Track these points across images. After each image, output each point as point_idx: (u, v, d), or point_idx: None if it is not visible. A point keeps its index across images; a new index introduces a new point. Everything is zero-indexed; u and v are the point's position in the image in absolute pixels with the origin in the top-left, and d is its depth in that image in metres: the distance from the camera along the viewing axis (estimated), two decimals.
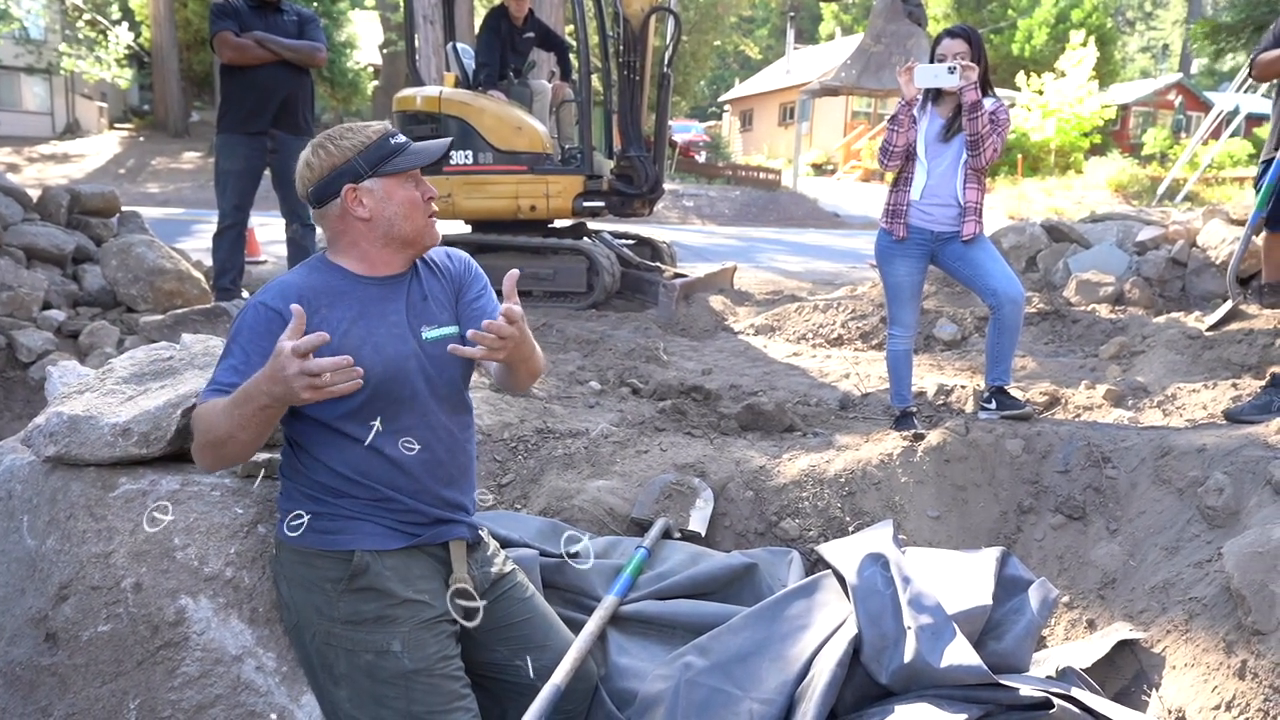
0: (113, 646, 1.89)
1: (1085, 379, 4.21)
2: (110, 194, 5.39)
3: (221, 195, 4.82)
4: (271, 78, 4.66)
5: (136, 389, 2.17)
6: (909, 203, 3.31)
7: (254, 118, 4.69)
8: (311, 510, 1.82)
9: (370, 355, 1.79)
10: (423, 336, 1.88)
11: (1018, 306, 3.24)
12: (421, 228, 1.88)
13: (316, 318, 1.77)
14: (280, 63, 4.66)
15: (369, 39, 26.36)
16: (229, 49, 4.60)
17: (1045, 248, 7.12)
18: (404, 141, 1.86)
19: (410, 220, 1.86)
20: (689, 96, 30.33)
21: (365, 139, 1.83)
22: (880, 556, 2.29)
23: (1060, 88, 22.71)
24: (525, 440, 3.26)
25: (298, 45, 4.69)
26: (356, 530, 1.81)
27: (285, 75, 4.70)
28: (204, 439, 1.70)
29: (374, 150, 1.82)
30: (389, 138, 1.84)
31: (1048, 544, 2.83)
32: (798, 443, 3.40)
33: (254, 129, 4.70)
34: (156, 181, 18.33)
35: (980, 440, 3.09)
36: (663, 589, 2.38)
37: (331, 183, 1.82)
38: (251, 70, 4.62)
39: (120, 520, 1.97)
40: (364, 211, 1.83)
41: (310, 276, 1.84)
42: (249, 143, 4.72)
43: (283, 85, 4.70)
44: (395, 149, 1.83)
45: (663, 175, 7.25)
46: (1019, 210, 17.94)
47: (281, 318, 1.72)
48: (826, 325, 5.94)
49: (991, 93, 3.26)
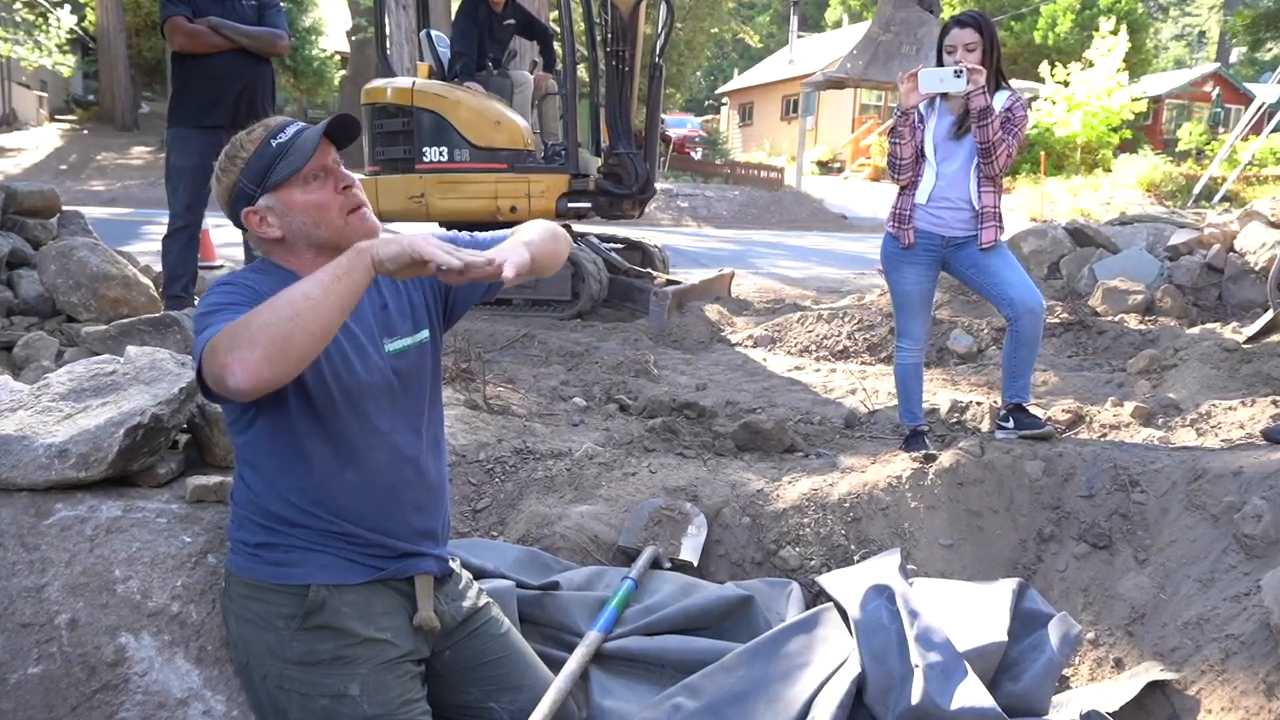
0: (45, 690, 1.88)
1: (1112, 395, 4.24)
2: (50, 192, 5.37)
3: (172, 194, 4.81)
4: (228, 67, 4.66)
5: (75, 406, 2.16)
6: (916, 206, 3.33)
7: (209, 110, 4.70)
8: (264, 540, 1.81)
9: (327, 373, 1.76)
10: (385, 350, 1.86)
11: (1036, 317, 3.26)
12: (340, 229, 1.76)
13: None
14: (238, 51, 4.66)
15: (336, 25, 26.43)
16: (181, 35, 4.61)
17: (1069, 252, 7.17)
18: (287, 139, 1.73)
19: (324, 224, 1.76)
20: (683, 88, 30.49)
21: (245, 153, 1.74)
22: (886, 588, 2.30)
23: (1087, 79, 22.90)
24: (503, 461, 3.26)
25: (257, 32, 4.70)
26: (312, 562, 1.80)
27: (243, 64, 4.70)
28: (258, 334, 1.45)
29: (255, 162, 1.73)
30: (270, 139, 1.73)
31: (1070, 575, 2.84)
32: (799, 464, 3.40)
33: (209, 122, 4.70)
34: (102, 178, 18.30)
35: (997, 462, 3.10)
36: (651, 624, 2.37)
37: (233, 211, 1.77)
38: (206, 59, 4.63)
39: (55, 550, 1.97)
40: (274, 231, 1.77)
41: (259, 277, 1.78)
42: (203, 137, 4.72)
43: (240, 75, 4.71)
44: (277, 152, 1.72)
45: (654, 174, 7.29)
46: (1041, 212, 18.07)
47: (255, 290, 1.68)
48: (831, 336, 5.96)
49: (1006, 84, 3.29)
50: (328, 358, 1.75)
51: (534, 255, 1.80)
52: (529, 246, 1.81)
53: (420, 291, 1.95)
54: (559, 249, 1.99)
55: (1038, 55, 25.97)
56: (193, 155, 4.72)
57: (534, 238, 1.89)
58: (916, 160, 3.32)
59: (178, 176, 4.77)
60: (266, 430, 1.78)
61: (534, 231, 1.93)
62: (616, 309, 7.04)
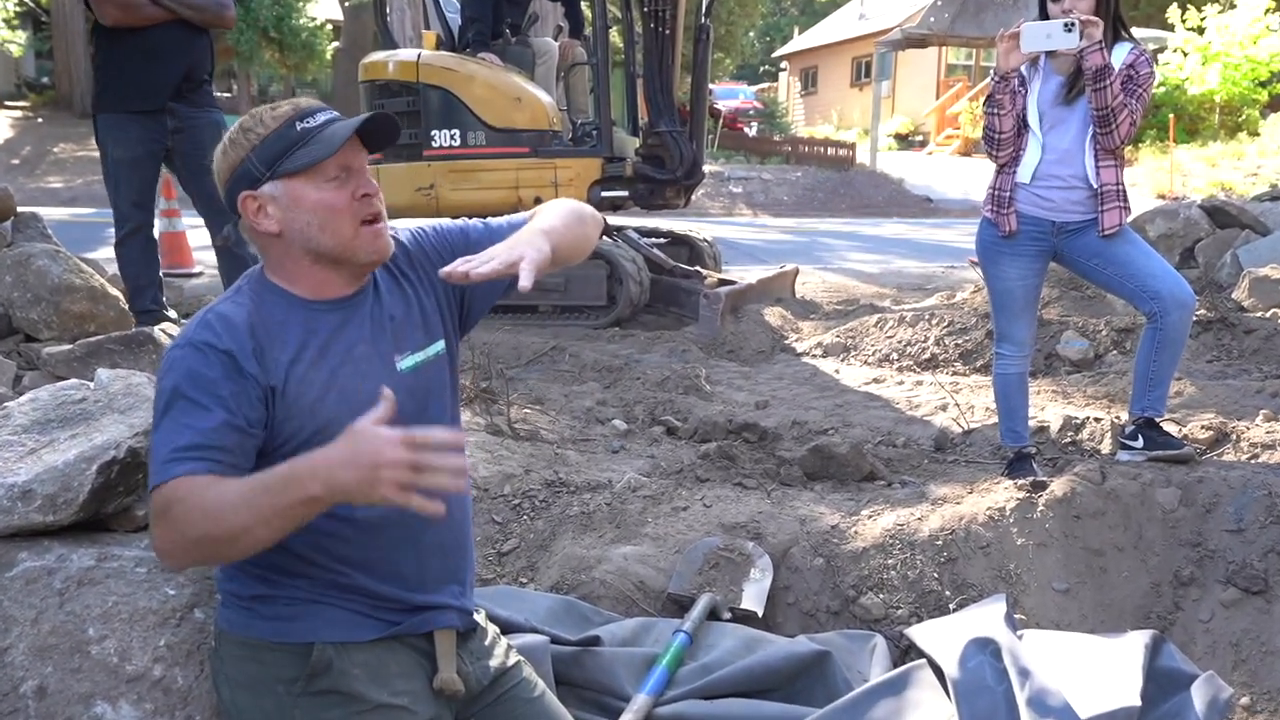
0: None
1: (1264, 408, 4.17)
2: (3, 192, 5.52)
3: (115, 191, 4.84)
4: (168, 41, 4.66)
5: (40, 440, 2.22)
6: (1017, 185, 3.31)
7: (147, 92, 4.72)
8: (260, 592, 1.84)
9: (335, 405, 1.78)
10: (397, 369, 1.89)
11: (1188, 312, 3.22)
12: (348, 240, 1.78)
13: (268, 359, 1.75)
14: (177, 22, 4.72)
15: None
16: (113, 7, 4.63)
17: (1207, 236, 7.07)
18: (315, 125, 1.75)
19: (330, 231, 1.77)
20: (734, 53, 30.51)
21: (264, 129, 1.75)
22: (990, 642, 2.29)
23: (1226, 23, 22.48)
24: (532, 496, 3.29)
25: (202, 3, 4.76)
26: (317, 616, 1.82)
27: (184, 38, 4.72)
28: (202, 531, 1.56)
29: (272, 142, 1.74)
30: (296, 121, 1.75)
31: (1217, 627, 2.80)
32: (881, 495, 3.40)
33: (148, 106, 4.74)
34: (60, 174, 18.73)
35: (1122, 490, 3.07)
36: (709, 685, 2.38)
37: (230, 192, 1.79)
38: (141, 33, 4.67)
39: (19, 607, 2.01)
40: (271, 224, 1.78)
41: (252, 304, 1.80)
42: (141, 124, 4.76)
43: (182, 51, 4.71)
44: (300, 137, 1.74)
45: (702, 155, 7.31)
46: (1170, 187, 17.81)
47: (235, 362, 1.70)
48: (916, 343, 5.94)
49: (1126, 34, 3.27)
50: (324, 401, 1.78)
51: (556, 246, 1.83)
52: (549, 236, 1.83)
53: (431, 295, 1.97)
54: (586, 233, 2.01)
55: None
56: (133, 145, 4.78)
57: (555, 223, 1.91)
58: (1018, 133, 3.29)
59: (119, 170, 4.82)
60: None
61: (555, 215, 1.96)
62: (660, 315, 7.06)
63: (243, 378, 1.70)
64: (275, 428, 1.76)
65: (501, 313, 6.78)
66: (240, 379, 1.69)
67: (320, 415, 1.77)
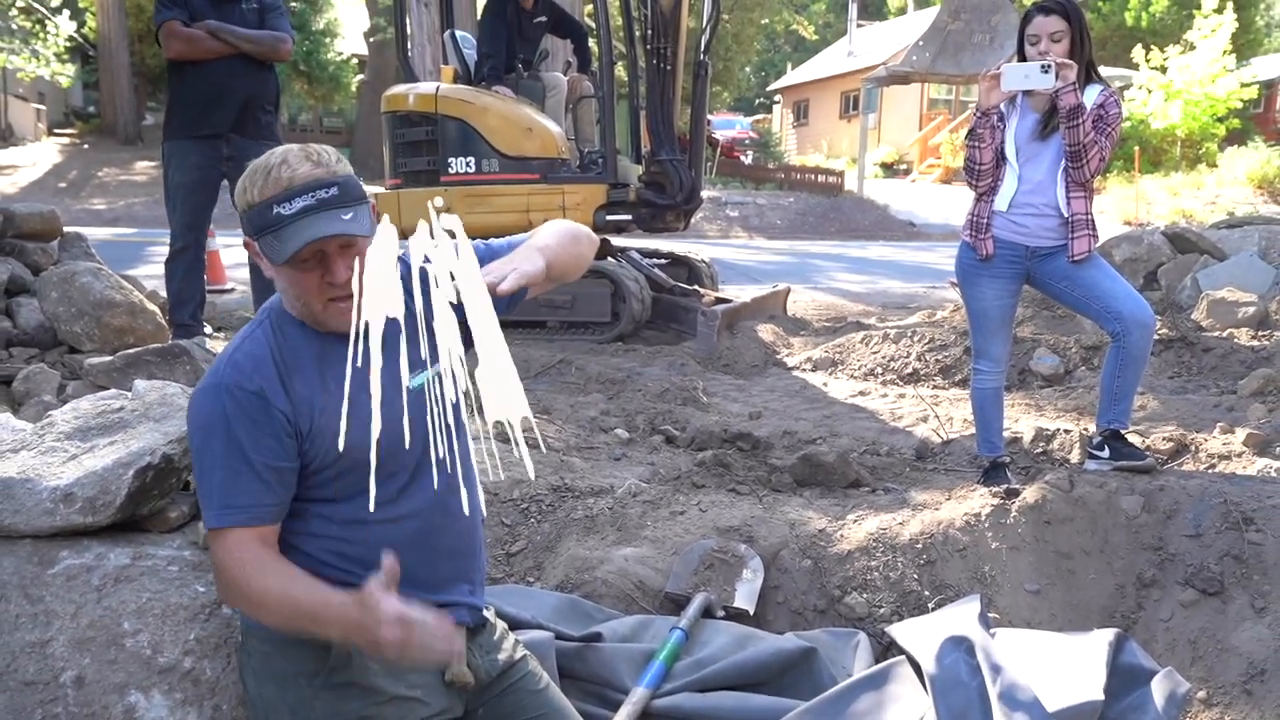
0: None
1: (1221, 421, 4.17)
2: (50, 213, 5.54)
3: (172, 212, 4.92)
4: (228, 74, 4.77)
5: (81, 446, 2.23)
6: (994, 213, 3.32)
7: (207, 120, 4.80)
8: None
9: (355, 433, 1.75)
10: (408, 387, 1.89)
11: (1148, 332, 3.22)
12: (317, 314, 1.76)
13: (296, 394, 1.77)
14: (238, 56, 4.78)
15: (353, 26, 26.96)
16: (177, 41, 4.72)
17: (1168, 260, 7.06)
18: (290, 214, 1.66)
19: (300, 303, 1.77)
20: (731, 86, 30.63)
21: (254, 197, 1.70)
22: (965, 639, 2.28)
23: (1187, 63, 22.54)
24: (538, 500, 3.29)
25: (258, 35, 4.81)
26: None
27: (244, 71, 4.81)
28: (241, 603, 1.74)
29: (255, 215, 1.70)
30: (274, 204, 1.67)
31: (1176, 625, 2.80)
32: (865, 501, 3.39)
33: (206, 131, 4.80)
34: (104, 196, 18.81)
35: (1089, 497, 3.07)
36: (703, 678, 2.38)
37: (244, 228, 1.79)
38: (204, 66, 4.74)
39: (60, 602, 2.02)
40: (268, 271, 1.78)
41: (274, 339, 1.80)
42: (201, 150, 4.83)
43: (241, 83, 4.81)
44: (274, 222, 1.67)
45: (700, 181, 7.33)
46: (1135, 214, 17.82)
47: (266, 402, 1.72)
48: (899, 358, 5.94)
49: (1097, 78, 3.28)
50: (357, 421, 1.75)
51: (550, 262, 1.83)
52: (544, 253, 1.83)
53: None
54: (581, 252, 2.01)
55: (1130, 39, 25.64)
56: (191, 170, 4.84)
57: (550, 242, 1.91)
58: (997, 164, 3.31)
59: (176, 193, 4.88)
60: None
61: (551, 234, 1.95)
62: (661, 331, 7.07)
63: (272, 418, 1.73)
64: (301, 456, 1.78)
65: (511, 328, 6.77)
66: (270, 420, 1.73)
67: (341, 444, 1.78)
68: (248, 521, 1.70)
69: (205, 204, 4.94)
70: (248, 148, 4.80)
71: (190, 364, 3.89)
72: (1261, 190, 20.35)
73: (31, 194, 17.75)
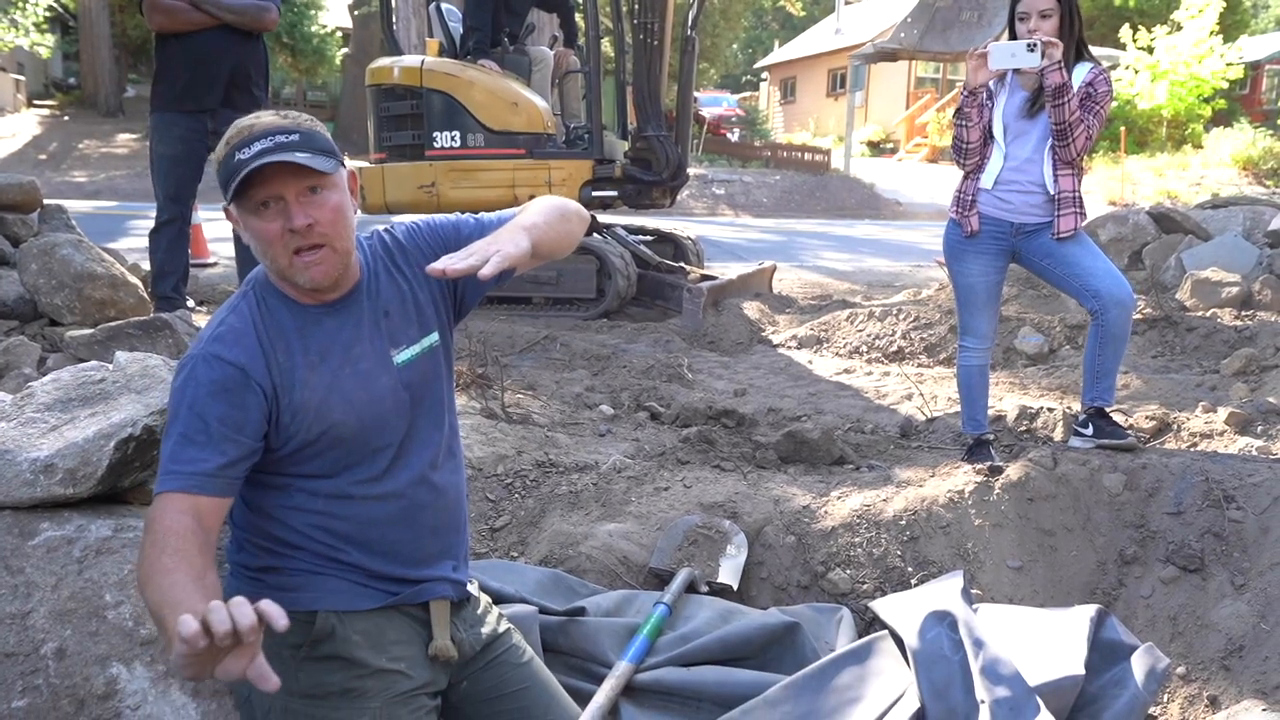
0: None
1: (1203, 400, 4.19)
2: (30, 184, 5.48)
3: (157, 184, 4.91)
4: (213, 45, 4.74)
5: (61, 417, 2.21)
6: (980, 190, 3.32)
7: (193, 93, 4.78)
8: (267, 564, 1.84)
9: (340, 408, 1.78)
10: (395, 362, 1.87)
11: (1126, 311, 3.24)
12: (285, 268, 1.74)
13: (277, 369, 1.75)
14: (223, 28, 4.74)
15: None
16: (158, 13, 4.69)
17: (1153, 240, 7.09)
18: (248, 157, 1.66)
19: (269, 257, 1.74)
20: (718, 63, 30.47)
21: (221, 151, 1.71)
22: (947, 615, 2.29)
23: (1174, 44, 22.58)
24: (523, 475, 3.29)
25: (242, 5, 4.77)
26: (319, 587, 1.83)
27: (229, 42, 4.78)
28: (140, 564, 1.60)
29: (222, 168, 1.70)
30: (234, 152, 1.68)
31: (1157, 602, 2.82)
32: (849, 478, 3.40)
33: (192, 106, 4.79)
34: (84, 169, 18.62)
35: (1072, 475, 3.08)
36: (687, 653, 2.39)
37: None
38: (189, 37, 4.71)
39: (41, 574, 2.01)
40: (245, 236, 1.76)
41: (257, 311, 1.79)
42: (187, 122, 4.80)
43: (226, 55, 4.78)
44: (235, 167, 1.67)
45: (687, 158, 7.30)
46: (1121, 194, 17.88)
47: (244, 374, 1.71)
48: (884, 336, 5.95)
49: (1088, 55, 3.27)
50: (328, 403, 1.77)
51: (536, 241, 1.81)
52: (530, 232, 1.81)
53: (425, 288, 1.94)
54: (570, 229, 1.99)
55: (1118, 19, 25.62)
56: (176, 142, 4.81)
57: (538, 220, 1.89)
58: (984, 142, 3.31)
59: (161, 165, 4.87)
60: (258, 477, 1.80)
61: (540, 211, 1.93)
62: (646, 307, 7.06)
63: (249, 390, 1.71)
64: (281, 430, 1.76)
65: (497, 303, 6.77)
66: (247, 392, 1.70)
67: (325, 418, 1.77)
68: (183, 487, 1.64)
69: (190, 177, 4.91)
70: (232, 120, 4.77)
71: (172, 337, 3.87)
72: (1246, 171, 20.44)
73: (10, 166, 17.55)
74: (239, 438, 1.69)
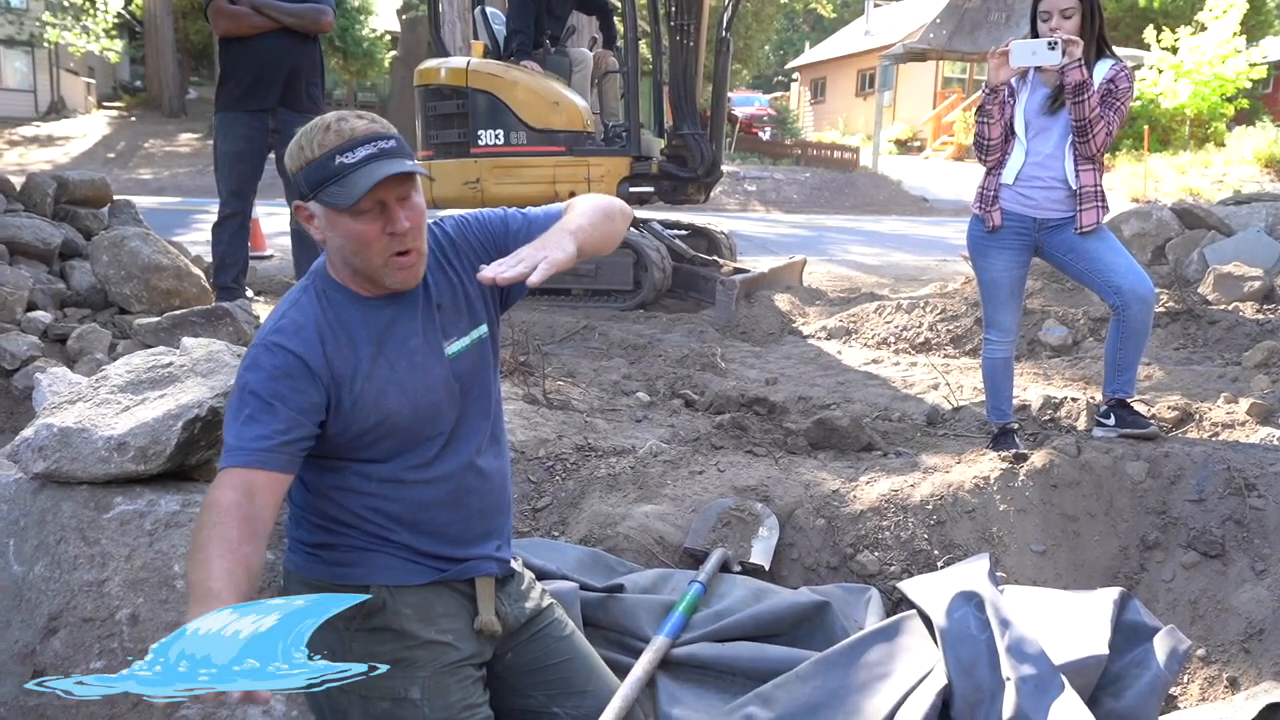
0: None
1: (1225, 391, 4.13)
2: (100, 181, 5.59)
3: (220, 180, 4.98)
4: (273, 48, 4.80)
5: (133, 399, 2.25)
6: (1002, 185, 3.28)
7: (255, 93, 4.84)
8: (322, 540, 1.87)
9: (396, 398, 1.79)
10: (446, 354, 1.88)
11: (1147, 306, 3.19)
12: (378, 268, 1.74)
13: (337, 362, 1.76)
14: (282, 31, 4.80)
15: (386, 3, 26.86)
16: (223, 18, 4.76)
17: (1176, 236, 6.98)
18: (353, 161, 1.65)
19: (361, 258, 1.74)
20: (751, 64, 30.29)
21: (312, 152, 1.69)
22: (974, 595, 2.28)
23: (1198, 44, 22.15)
24: (564, 459, 3.30)
25: (300, 9, 4.82)
26: (372, 563, 1.85)
27: (288, 45, 4.83)
28: (193, 537, 1.62)
29: (314, 169, 1.68)
30: (336, 154, 1.66)
31: (1178, 586, 2.79)
32: (877, 464, 3.39)
33: (254, 106, 4.85)
34: (150, 166, 18.90)
35: (1095, 462, 3.05)
36: (721, 629, 2.40)
37: (292, 191, 1.77)
38: (251, 40, 4.77)
39: (115, 545, 2.06)
40: (317, 234, 1.77)
41: (318, 305, 1.80)
42: (249, 121, 4.87)
43: (286, 56, 4.84)
44: (336, 171, 1.66)
45: (721, 155, 7.28)
46: (1144, 191, 17.59)
47: (304, 364, 1.72)
48: (911, 328, 5.91)
49: (1109, 52, 3.22)
50: (386, 394, 1.78)
51: (582, 244, 1.81)
52: (576, 235, 1.81)
53: (474, 281, 1.93)
54: (614, 229, 1.99)
55: (1142, 20, 25.17)
56: (238, 140, 4.88)
57: (583, 221, 1.89)
58: (1006, 139, 3.27)
59: (224, 162, 4.94)
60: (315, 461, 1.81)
61: (584, 213, 1.93)
62: (681, 299, 7.05)
63: (308, 378, 1.72)
64: (340, 418, 1.77)
65: (538, 295, 6.79)
66: (306, 379, 1.71)
67: (382, 408, 1.79)
68: (240, 462, 1.64)
69: (251, 173, 4.98)
70: (293, 120, 4.81)
71: (233, 325, 3.92)
72: (1268, 169, 20.02)
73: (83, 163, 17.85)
74: (298, 417, 1.70)
